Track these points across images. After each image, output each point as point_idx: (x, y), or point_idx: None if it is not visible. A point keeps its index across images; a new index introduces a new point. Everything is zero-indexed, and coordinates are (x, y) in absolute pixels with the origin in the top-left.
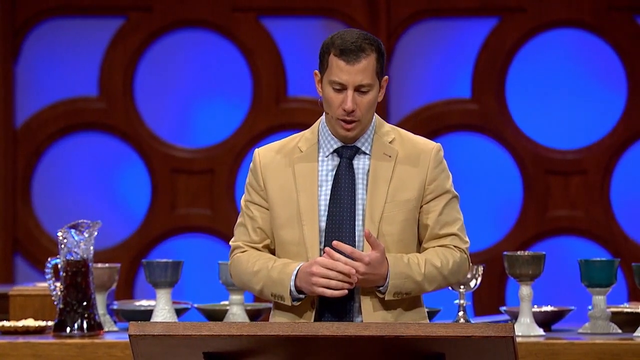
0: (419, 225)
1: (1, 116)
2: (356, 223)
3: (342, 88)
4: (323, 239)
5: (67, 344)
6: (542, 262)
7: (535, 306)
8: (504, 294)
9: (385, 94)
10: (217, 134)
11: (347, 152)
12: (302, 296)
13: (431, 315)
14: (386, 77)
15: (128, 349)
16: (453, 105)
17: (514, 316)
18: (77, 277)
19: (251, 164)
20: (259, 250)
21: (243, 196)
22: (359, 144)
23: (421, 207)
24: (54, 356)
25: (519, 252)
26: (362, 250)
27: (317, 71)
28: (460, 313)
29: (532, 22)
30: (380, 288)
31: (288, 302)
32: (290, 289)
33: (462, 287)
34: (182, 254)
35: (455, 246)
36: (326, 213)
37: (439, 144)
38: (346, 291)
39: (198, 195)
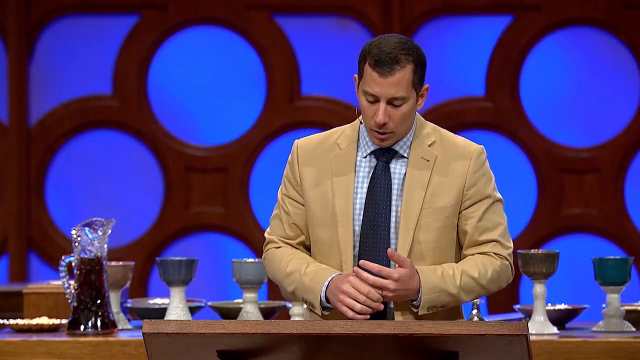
0: (458, 231)
1: (15, 114)
2: (391, 229)
3: (374, 100)
4: (358, 243)
5: (81, 342)
6: (556, 260)
7: (549, 304)
8: (518, 292)
9: None
10: (231, 132)
11: (384, 155)
12: (331, 306)
13: None
14: (427, 85)
15: (142, 346)
16: (467, 103)
17: (528, 314)
18: (91, 275)
19: (289, 156)
20: (294, 247)
21: (280, 187)
22: (397, 147)
23: (460, 212)
24: (68, 354)
25: (532, 250)
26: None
27: (356, 75)
28: (474, 311)
29: (546, 20)
30: (414, 302)
31: (318, 311)
32: (320, 299)
33: None
34: (196, 252)
35: (495, 253)
36: (361, 217)
37: (481, 146)
38: (368, 316)
39: (212, 194)
